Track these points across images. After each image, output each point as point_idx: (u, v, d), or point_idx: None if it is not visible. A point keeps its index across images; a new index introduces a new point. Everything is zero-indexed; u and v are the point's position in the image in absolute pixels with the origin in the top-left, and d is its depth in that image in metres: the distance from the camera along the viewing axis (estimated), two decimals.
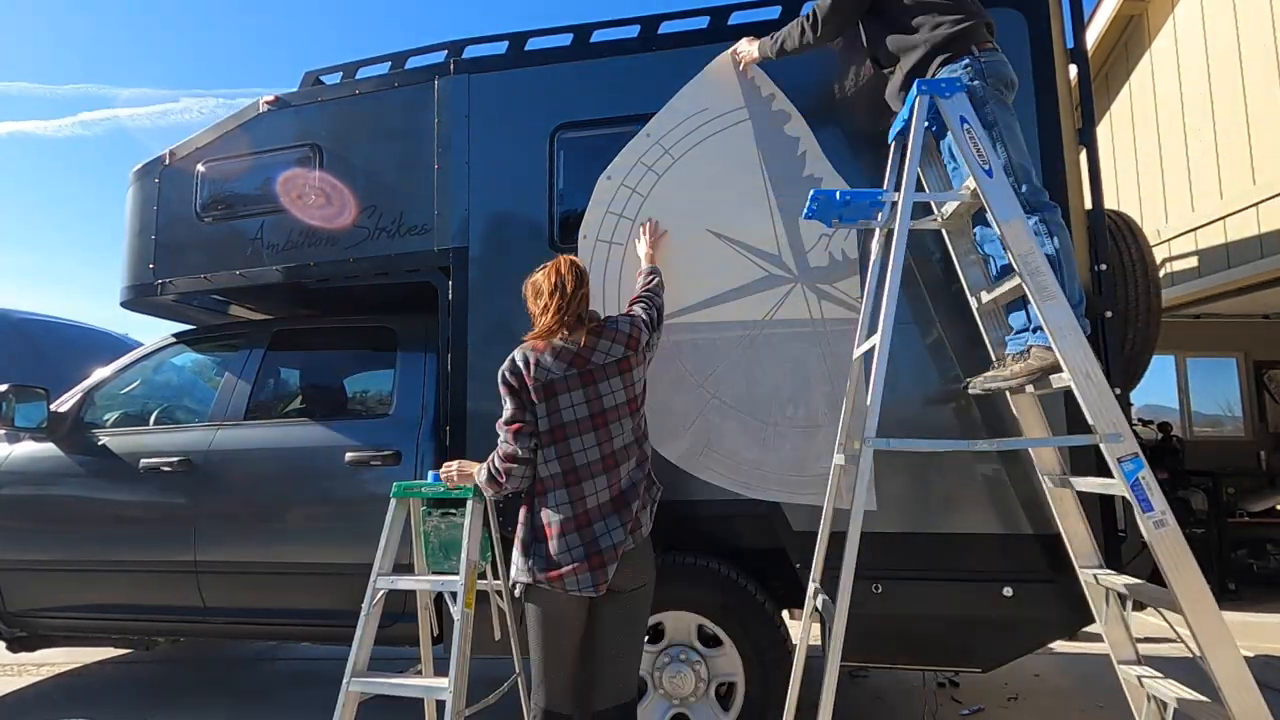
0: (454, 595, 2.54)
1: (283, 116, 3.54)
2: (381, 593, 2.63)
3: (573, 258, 2.48)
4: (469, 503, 2.62)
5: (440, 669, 2.64)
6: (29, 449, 3.67)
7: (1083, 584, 2.47)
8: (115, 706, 3.82)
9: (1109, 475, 2.13)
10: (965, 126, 2.33)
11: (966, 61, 2.45)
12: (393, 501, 2.69)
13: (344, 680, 2.53)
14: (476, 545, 2.63)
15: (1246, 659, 1.98)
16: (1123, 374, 2.76)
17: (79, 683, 4.24)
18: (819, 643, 2.82)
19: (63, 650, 4.30)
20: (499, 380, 2.33)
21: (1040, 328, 2.23)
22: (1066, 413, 2.63)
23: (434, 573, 2.73)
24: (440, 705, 2.51)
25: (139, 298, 3.75)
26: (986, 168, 2.29)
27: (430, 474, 2.70)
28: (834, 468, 2.65)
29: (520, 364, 2.30)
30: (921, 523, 2.71)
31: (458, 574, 2.57)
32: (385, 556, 2.66)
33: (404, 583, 2.66)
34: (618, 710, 2.22)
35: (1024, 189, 2.39)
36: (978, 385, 2.52)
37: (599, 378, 2.26)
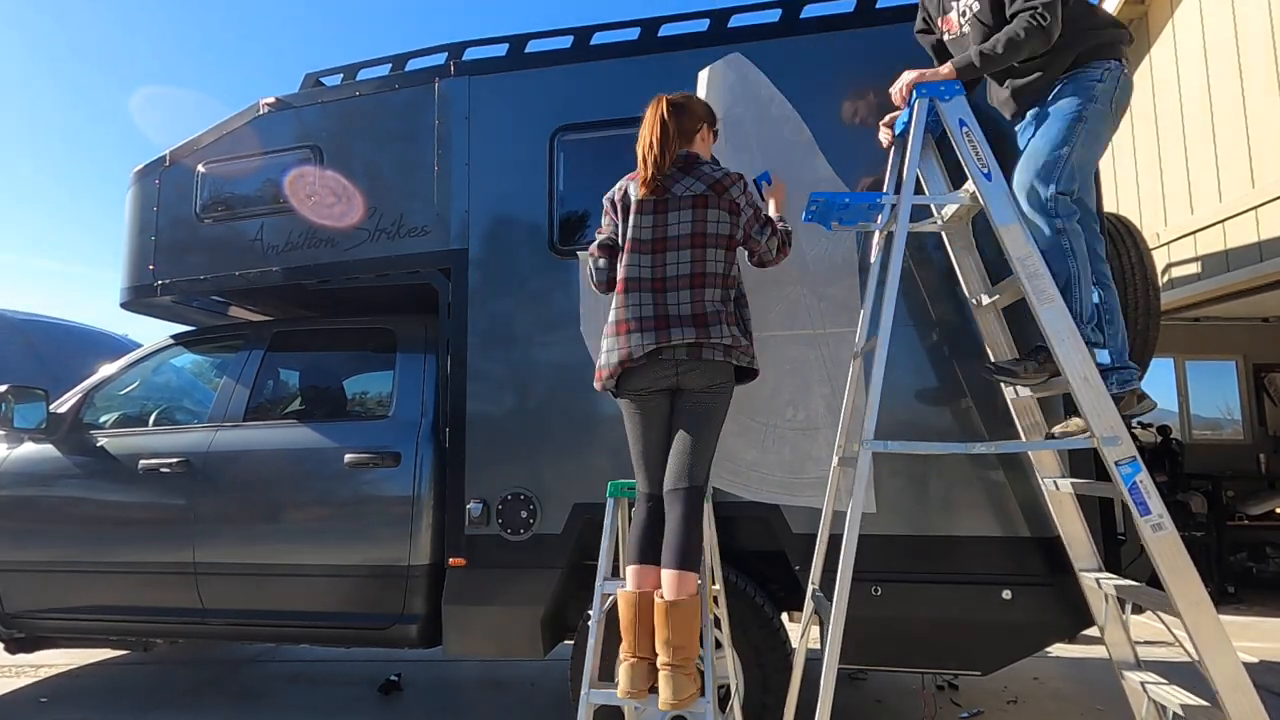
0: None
1: (283, 118, 3.55)
2: (610, 598, 2.50)
3: (670, 99, 2.51)
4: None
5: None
6: (28, 450, 3.67)
7: (1082, 587, 2.47)
8: (113, 708, 3.82)
9: (1107, 478, 2.14)
10: (964, 129, 2.34)
11: (1114, 63, 2.42)
12: (610, 501, 2.59)
13: (582, 692, 2.36)
14: (714, 547, 2.56)
15: (1246, 663, 1.98)
16: None
17: (77, 684, 4.23)
18: (815, 645, 2.82)
19: (61, 651, 4.29)
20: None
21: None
22: (1065, 416, 2.63)
23: None
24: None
25: (139, 299, 3.75)
26: (985, 171, 2.29)
27: None
28: (833, 470, 2.65)
29: (615, 188, 2.56)
30: (921, 525, 2.71)
31: None
32: (607, 559, 2.53)
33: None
34: (674, 492, 2.41)
35: (1050, 190, 2.32)
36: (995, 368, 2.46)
37: (670, 208, 2.43)
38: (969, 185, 2.40)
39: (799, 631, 2.75)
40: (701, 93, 2.97)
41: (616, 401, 2.51)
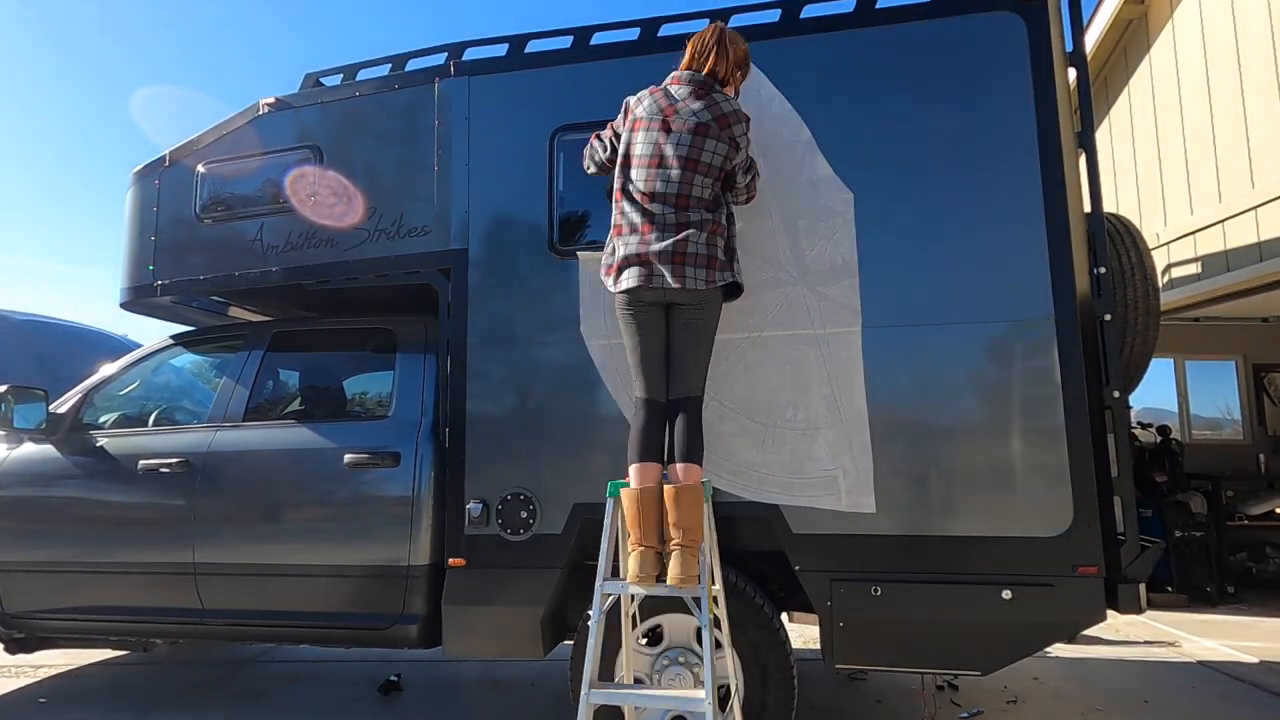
0: (696, 600, 2.44)
1: (283, 118, 3.55)
2: (611, 598, 2.52)
3: (731, 31, 2.70)
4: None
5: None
6: (28, 450, 3.67)
7: None
8: (113, 708, 3.82)
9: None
10: None
11: None
12: (609, 501, 2.56)
13: (582, 692, 2.35)
14: (714, 548, 2.56)
15: (1246, 662, 1.98)
16: (1122, 377, 2.76)
17: (77, 684, 4.23)
18: (815, 645, 2.83)
19: (61, 652, 4.29)
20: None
21: None
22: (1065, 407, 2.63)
23: None
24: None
25: (138, 299, 3.75)
26: None
27: None
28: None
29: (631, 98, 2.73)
30: (921, 525, 2.71)
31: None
32: (607, 559, 2.50)
33: (635, 589, 2.43)
34: (680, 401, 2.62)
35: None
36: None
37: (673, 128, 2.59)
38: None
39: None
40: None
41: (617, 309, 2.64)
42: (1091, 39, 6.90)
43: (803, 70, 2.95)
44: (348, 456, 3.24)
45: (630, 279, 2.55)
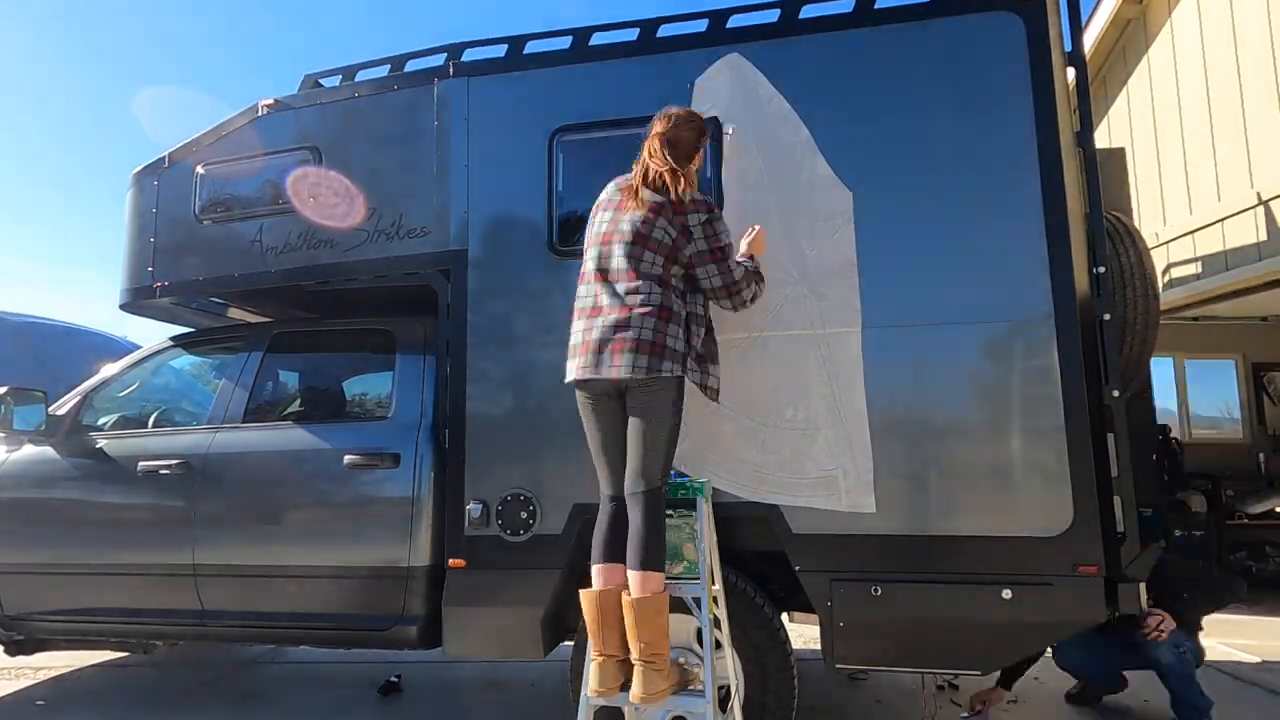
0: (696, 601, 2.45)
1: (282, 119, 3.55)
2: None
3: (664, 137, 2.59)
4: (699, 503, 2.56)
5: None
6: (27, 452, 3.67)
7: None
8: (113, 710, 3.81)
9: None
10: None
11: None
12: None
13: (582, 693, 2.36)
14: (714, 548, 2.56)
15: (1246, 662, 1.98)
16: (1121, 376, 2.76)
17: (77, 686, 4.23)
18: (815, 645, 2.83)
19: (61, 654, 4.29)
20: None
21: None
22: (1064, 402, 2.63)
23: None
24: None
25: (138, 300, 3.75)
26: None
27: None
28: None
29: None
30: (921, 525, 2.71)
31: (690, 577, 2.51)
32: None
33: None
34: (633, 496, 2.46)
35: None
36: None
37: (627, 209, 2.54)
38: None
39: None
40: (697, 103, 2.96)
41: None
42: (1090, 38, 6.91)
43: (802, 70, 2.95)
44: (347, 457, 3.24)
45: (571, 371, 2.50)
